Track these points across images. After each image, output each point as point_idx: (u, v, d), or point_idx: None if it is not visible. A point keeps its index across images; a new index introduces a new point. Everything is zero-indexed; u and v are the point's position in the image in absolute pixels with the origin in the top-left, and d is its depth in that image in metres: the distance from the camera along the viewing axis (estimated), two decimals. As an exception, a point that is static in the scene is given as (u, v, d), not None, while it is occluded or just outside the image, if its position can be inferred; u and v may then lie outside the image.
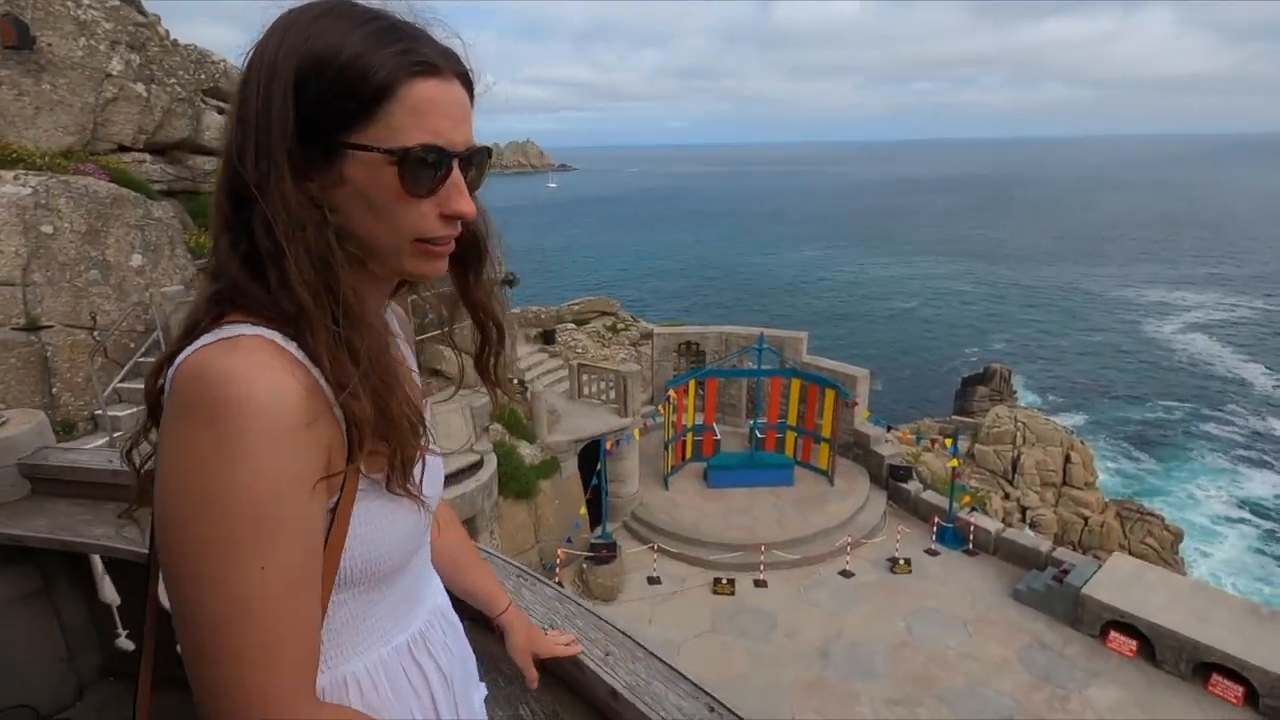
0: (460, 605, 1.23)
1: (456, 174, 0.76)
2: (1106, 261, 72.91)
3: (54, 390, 8.74)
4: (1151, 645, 10.79)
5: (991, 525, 14.56)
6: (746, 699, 10.06)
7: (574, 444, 14.09)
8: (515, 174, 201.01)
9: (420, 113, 0.71)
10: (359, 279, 0.76)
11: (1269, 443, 37.13)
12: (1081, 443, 30.59)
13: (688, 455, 16.73)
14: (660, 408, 15.34)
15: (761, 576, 13.07)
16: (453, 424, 10.76)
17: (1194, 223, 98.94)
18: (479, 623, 1.36)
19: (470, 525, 11.12)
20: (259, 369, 0.66)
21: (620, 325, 23.31)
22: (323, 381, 0.71)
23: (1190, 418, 40.05)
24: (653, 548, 13.44)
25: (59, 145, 10.04)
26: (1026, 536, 15.54)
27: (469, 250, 0.88)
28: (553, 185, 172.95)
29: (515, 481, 12.48)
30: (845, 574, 13.31)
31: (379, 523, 0.81)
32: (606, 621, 1.47)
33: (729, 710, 1.24)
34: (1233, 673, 10.05)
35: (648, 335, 21.70)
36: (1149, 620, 10.83)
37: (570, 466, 14.24)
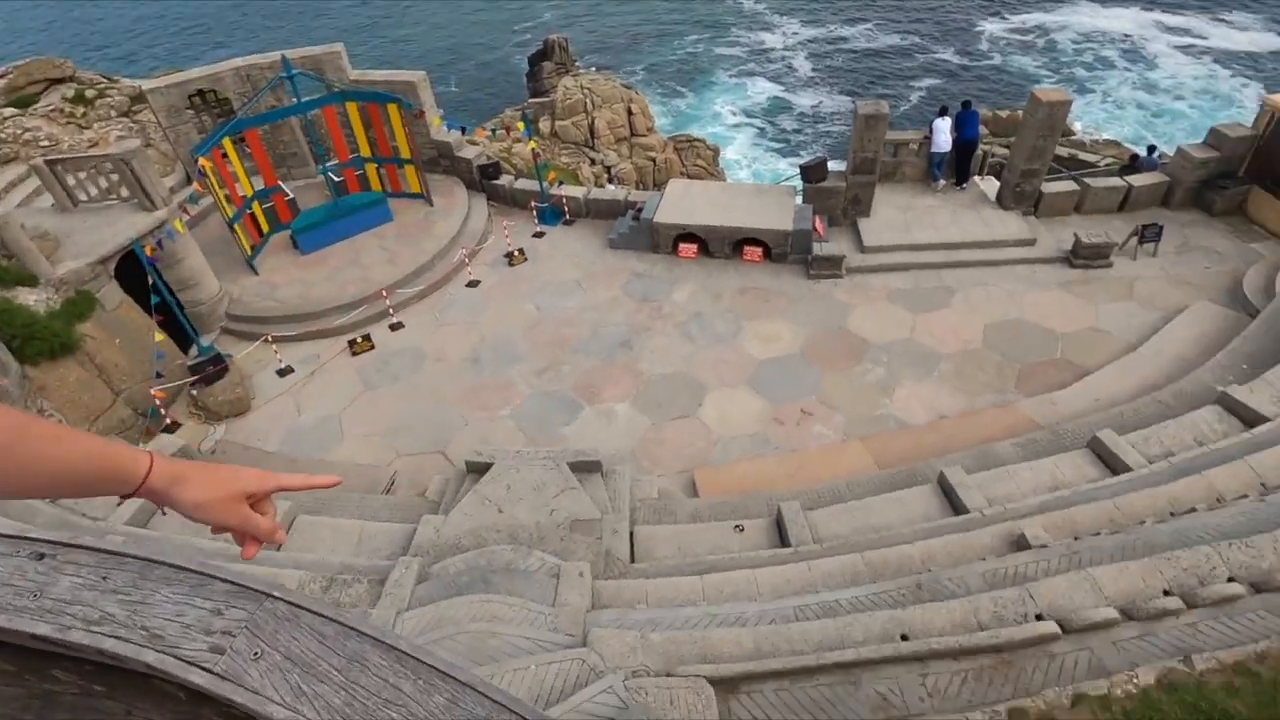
0: None
1: None
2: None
3: None
4: (705, 243, 13.68)
5: (579, 192, 15.93)
6: (420, 438, 10.55)
7: (99, 265, 10.96)
8: None
9: None
10: None
11: (756, 53, 45.58)
12: (637, 94, 33.88)
13: (265, 228, 14.41)
14: (198, 184, 12.41)
15: (395, 320, 12.85)
16: None
17: None
18: None
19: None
20: None
21: (90, 92, 17.17)
22: None
23: (708, 46, 46.55)
24: (267, 340, 12.04)
25: None
26: (609, 192, 17.46)
27: None
28: None
29: (35, 341, 9.52)
30: (472, 284, 13.75)
31: None
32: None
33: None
34: (754, 240, 13.41)
35: (140, 97, 16.49)
36: (699, 224, 13.53)
37: (113, 293, 11.27)
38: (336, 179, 14.80)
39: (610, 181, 27.14)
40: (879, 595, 5.40)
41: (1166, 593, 4.96)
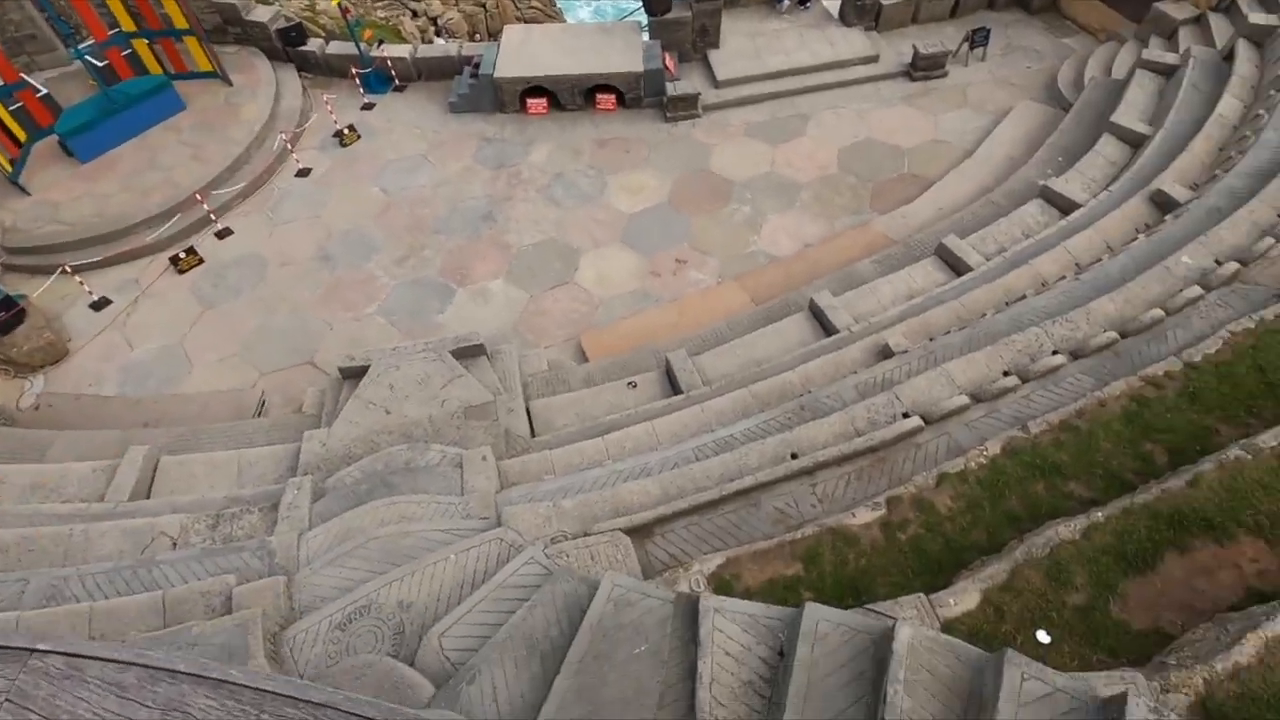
0: None
1: None
2: None
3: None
4: (554, 95, 12.73)
5: (405, 51, 14.11)
6: (283, 351, 9.72)
7: None
8: None
9: None
10: None
11: None
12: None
13: (21, 137, 11.86)
14: (-93, 89, 9.84)
15: (221, 226, 11.34)
16: None
17: None
18: None
19: None
20: None
21: None
22: None
23: None
24: (65, 271, 10.34)
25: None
26: (439, 47, 15.60)
27: None
28: None
29: None
30: (302, 173, 12.23)
31: None
32: None
33: None
34: (606, 87, 12.62)
35: None
36: (545, 75, 12.50)
37: None
38: (99, 64, 12.20)
39: (438, 35, 24.30)
40: (768, 423, 5.79)
41: (1006, 373, 5.65)
